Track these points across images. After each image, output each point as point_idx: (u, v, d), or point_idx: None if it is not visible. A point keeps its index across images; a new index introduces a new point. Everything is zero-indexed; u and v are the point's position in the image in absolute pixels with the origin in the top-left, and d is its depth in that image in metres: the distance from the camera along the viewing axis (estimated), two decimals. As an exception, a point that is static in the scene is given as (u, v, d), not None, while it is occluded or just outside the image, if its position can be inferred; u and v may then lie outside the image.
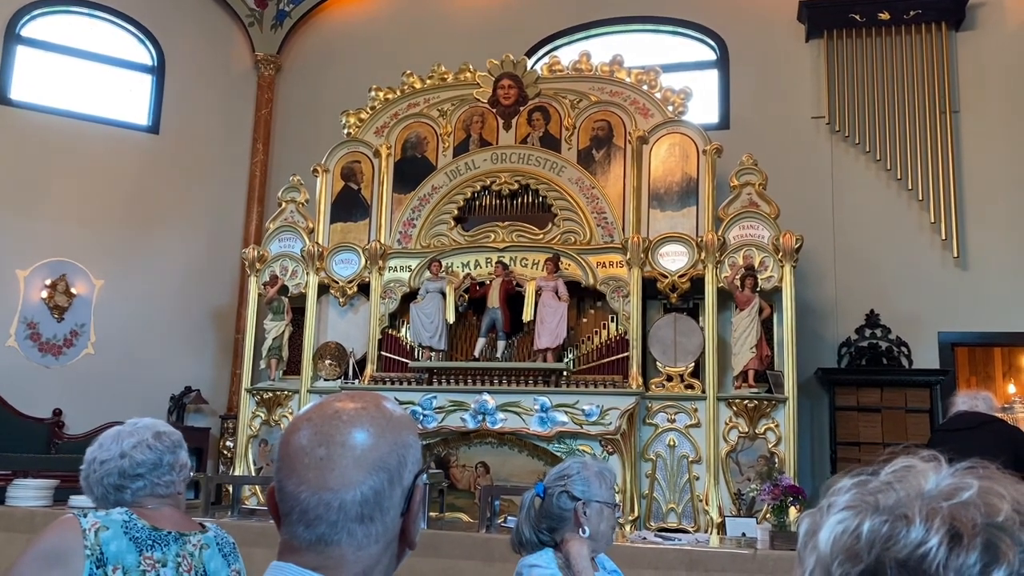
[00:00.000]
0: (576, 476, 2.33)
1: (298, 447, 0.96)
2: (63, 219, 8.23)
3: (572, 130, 6.90)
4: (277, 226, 7.39)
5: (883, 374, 6.99)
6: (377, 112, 7.40)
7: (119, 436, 1.95)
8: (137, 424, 1.99)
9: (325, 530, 0.94)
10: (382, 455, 0.96)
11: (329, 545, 0.94)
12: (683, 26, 8.35)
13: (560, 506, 2.31)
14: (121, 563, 1.75)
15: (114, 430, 1.98)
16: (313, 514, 0.93)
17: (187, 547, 1.87)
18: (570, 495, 2.30)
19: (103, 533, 1.76)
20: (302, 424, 0.98)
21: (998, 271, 7.08)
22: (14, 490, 5.55)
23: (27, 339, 8.01)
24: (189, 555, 1.86)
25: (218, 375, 8.60)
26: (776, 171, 6.76)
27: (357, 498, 0.94)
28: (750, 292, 6.12)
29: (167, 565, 1.81)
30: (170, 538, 1.85)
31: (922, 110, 7.40)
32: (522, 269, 6.66)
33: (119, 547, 1.76)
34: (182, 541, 1.87)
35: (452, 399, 6.40)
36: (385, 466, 0.96)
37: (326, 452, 0.95)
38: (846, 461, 6.69)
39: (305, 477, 0.94)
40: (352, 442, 0.95)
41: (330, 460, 0.94)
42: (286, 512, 0.96)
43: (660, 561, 4.51)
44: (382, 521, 0.96)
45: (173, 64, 9.01)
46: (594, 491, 2.30)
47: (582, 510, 2.27)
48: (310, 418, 0.98)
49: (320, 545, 0.94)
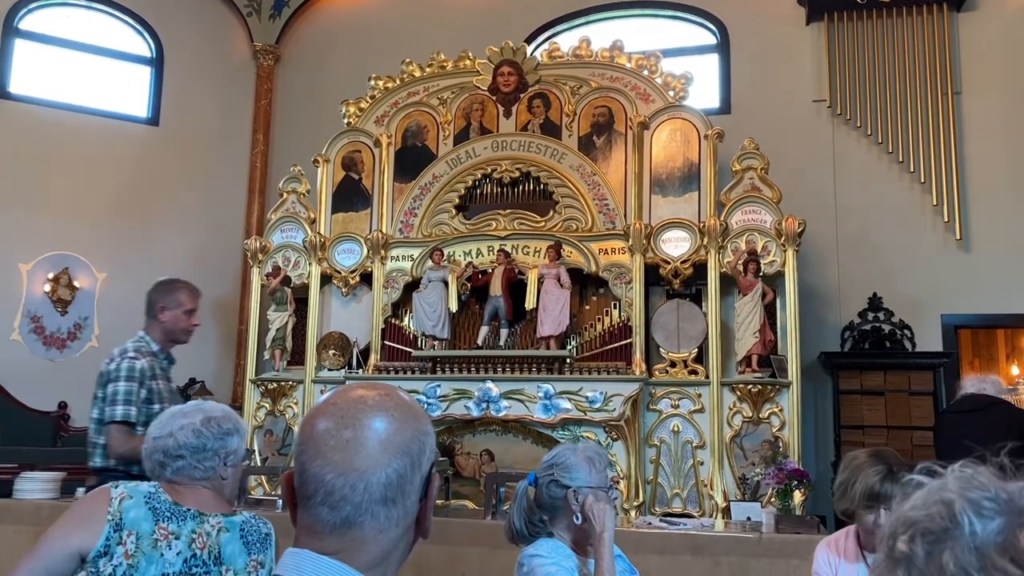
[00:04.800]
0: (564, 464, 2.29)
1: (324, 430, 0.98)
2: (65, 213, 8.23)
3: (573, 116, 6.88)
4: (279, 217, 7.39)
5: (886, 357, 6.98)
6: (377, 101, 7.38)
7: (174, 416, 2.06)
8: (196, 407, 2.09)
9: (350, 512, 0.95)
10: (406, 440, 0.99)
11: (352, 527, 0.95)
12: (683, 10, 8.31)
13: (551, 495, 2.28)
14: (136, 529, 1.86)
15: (175, 409, 2.09)
16: (339, 495, 0.95)
17: (205, 526, 1.93)
18: (559, 483, 2.28)
19: (126, 502, 1.89)
20: (327, 409, 1.00)
21: (1001, 253, 7.06)
22: (21, 483, 5.56)
23: (31, 333, 8.03)
24: (205, 534, 1.93)
25: (222, 366, 8.61)
26: (778, 155, 6.74)
27: (382, 480, 0.96)
28: (753, 277, 6.11)
29: (180, 538, 1.89)
30: (189, 515, 1.93)
31: (924, 92, 7.37)
32: (524, 257, 6.65)
33: (137, 515, 1.88)
34: (201, 520, 1.94)
35: (456, 387, 6.41)
36: (408, 451, 0.98)
37: (353, 434, 0.97)
38: (850, 444, 6.68)
39: (331, 459, 0.96)
40: (378, 426, 0.98)
41: (357, 442, 0.96)
42: (309, 495, 0.97)
43: (665, 546, 4.53)
44: (403, 505, 0.97)
45: (172, 55, 8.99)
46: (583, 477, 2.26)
47: (573, 498, 2.25)
48: (335, 403, 1.00)
49: (344, 528, 0.95)
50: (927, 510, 0.72)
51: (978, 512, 0.69)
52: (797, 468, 5.16)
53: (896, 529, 0.73)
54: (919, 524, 0.71)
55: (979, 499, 0.70)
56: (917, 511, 0.73)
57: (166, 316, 3.49)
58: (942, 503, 0.71)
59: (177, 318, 3.53)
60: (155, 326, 3.49)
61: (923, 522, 0.71)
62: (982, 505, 0.70)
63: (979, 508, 0.70)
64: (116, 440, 3.19)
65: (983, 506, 0.70)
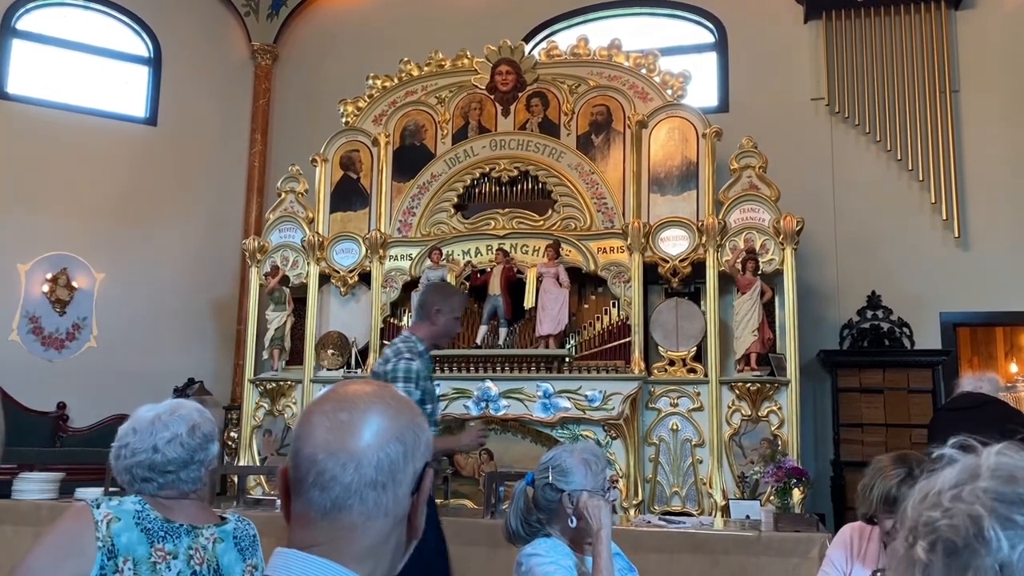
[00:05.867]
0: (560, 466, 2.27)
1: (320, 415, 1.00)
2: (63, 213, 8.23)
3: (571, 115, 6.87)
4: (277, 216, 7.38)
5: (885, 355, 6.98)
6: (375, 100, 7.37)
7: (154, 426, 1.90)
8: (173, 413, 1.93)
9: (339, 493, 0.96)
10: (401, 427, 1.00)
11: (342, 511, 0.96)
12: (681, 9, 8.31)
13: (546, 497, 2.28)
14: (132, 555, 1.75)
15: (151, 416, 1.93)
16: (329, 475, 0.96)
17: (200, 540, 1.86)
18: (553, 487, 2.27)
19: (115, 525, 1.76)
20: (325, 397, 1.03)
21: (999, 251, 7.06)
22: (20, 484, 5.57)
23: (29, 333, 8.02)
24: (202, 548, 1.86)
25: (221, 366, 8.61)
26: (776, 154, 6.74)
27: (373, 462, 0.96)
28: (751, 275, 6.11)
29: (178, 557, 1.81)
30: (182, 531, 1.85)
31: (922, 90, 7.37)
32: (523, 256, 6.65)
33: (130, 539, 1.76)
34: (195, 534, 1.86)
35: (455, 387, 6.41)
36: (402, 439, 0.99)
37: (348, 417, 0.98)
38: (849, 443, 6.70)
39: (325, 439, 0.97)
40: (374, 413, 0.99)
41: (352, 424, 0.98)
42: (301, 478, 0.98)
43: (665, 544, 4.53)
44: (393, 492, 0.98)
45: (170, 55, 8.98)
46: (579, 480, 2.24)
47: (567, 501, 2.24)
48: (333, 392, 1.03)
49: (333, 512, 0.96)
50: (951, 519, 0.66)
51: (1009, 528, 0.64)
52: (796, 466, 5.17)
53: (917, 528, 0.69)
54: (940, 532, 0.66)
55: (1010, 514, 0.64)
56: (940, 513, 0.67)
57: (440, 319, 3.57)
58: (969, 516, 0.65)
59: (449, 323, 3.64)
60: (425, 327, 3.55)
61: (945, 532, 0.66)
62: (1014, 521, 0.64)
63: (1010, 523, 0.64)
64: None
65: (1016, 522, 0.64)
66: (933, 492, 0.70)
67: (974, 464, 0.69)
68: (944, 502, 0.68)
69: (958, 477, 0.69)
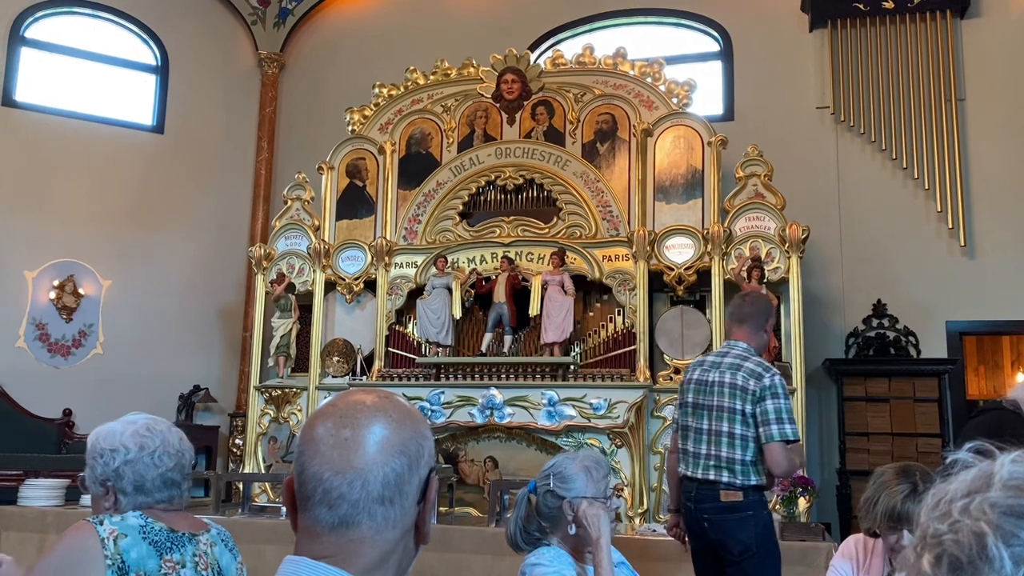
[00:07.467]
0: (561, 474, 2.26)
1: (324, 431, 0.99)
2: (70, 220, 8.26)
3: (576, 124, 6.89)
4: (283, 224, 7.41)
5: (891, 364, 6.96)
6: (381, 109, 7.40)
7: (144, 440, 1.90)
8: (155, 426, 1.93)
9: (347, 510, 0.96)
10: (404, 440, 1.00)
11: (350, 527, 0.96)
12: (686, 18, 8.33)
13: (548, 505, 2.27)
14: (143, 569, 1.74)
15: (130, 430, 1.91)
16: (336, 493, 0.96)
17: (200, 546, 1.89)
18: (554, 494, 2.26)
19: (122, 541, 1.74)
20: (326, 411, 1.02)
21: (1005, 259, 7.05)
22: (26, 490, 5.58)
23: (36, 340, 8.05)
24: (204, 553, 1.88)
25: (226, 373, 8.63)
26: (781, 162, 6.74)
27: (380, 478, 0.97)
28: (757, 283, 6.10)
29: (186, 566, 1.82)
30: (185, 539, 1.86)
31: (927, 98, 7.37)
32: (528, 264, 6.66)
33: (139, 553, 1.75)
34: (195, 541, 1.88)
35: (460, 394, 6.41)
36: (406, 451, 0.99)
37: (351, 434, 0.98)
38: (855, 451, 6.68)
39: (330, 457, 0.97)
40: (377, 426, 0.99)
41: (355, 441, 0.98)
42: (308, 495, 0.98)
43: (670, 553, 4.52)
44: (401, 505, 0.98)
45: (177, 64, 9.02)
46: (580, 487, 2.24)
47: (568, 509, 2.23)
48: (334, 405, 1.02)
49: (341, 528, 0.96)
50: (956, 535, 0.66)
51: (1014, 545, 0.63)
52: (802, 475, 5.15)
53: (925, 539, 0.68)
54: (946, 547, 0.66)
55: (1016, 530, 0.63)
56: (947, 527, 0.66)
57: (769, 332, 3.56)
58: (973, 533, 0.64)
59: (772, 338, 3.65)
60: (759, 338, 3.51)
61: (950, 548, 0.66)
62: (1020, 538, 0.63)
63: (1016, 540, 0.63)
64: (785, 457, 3.22)
65: (1021, 538, 0.63)
66: (945, 500, 0.69)
67: (987, 472, 0.68)
68: (953, 513, 0.67)
69: (970, 485, 0.68)
